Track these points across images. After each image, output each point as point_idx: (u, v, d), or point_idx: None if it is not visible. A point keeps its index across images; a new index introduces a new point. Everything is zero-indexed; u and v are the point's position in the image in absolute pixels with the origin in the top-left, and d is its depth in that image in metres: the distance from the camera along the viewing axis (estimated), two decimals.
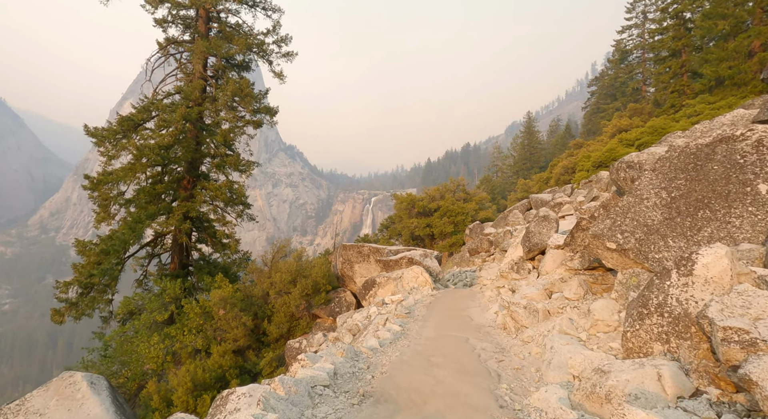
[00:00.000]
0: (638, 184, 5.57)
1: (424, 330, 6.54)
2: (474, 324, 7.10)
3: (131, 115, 14.82)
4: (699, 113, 19.05)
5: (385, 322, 7.53)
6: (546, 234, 10.53)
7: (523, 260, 10.90)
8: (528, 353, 5.00)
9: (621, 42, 50.27)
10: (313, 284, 13.64)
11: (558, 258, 9.50)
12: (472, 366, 4.41)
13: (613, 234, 5.35)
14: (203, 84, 16.68)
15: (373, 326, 7.70)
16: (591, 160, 21.02)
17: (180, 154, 15.14)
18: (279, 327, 13.59)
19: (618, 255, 5.36)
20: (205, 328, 13.71)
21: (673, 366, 2.87)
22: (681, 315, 3.16)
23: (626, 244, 5.19)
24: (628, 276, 5.23)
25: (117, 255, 14.40)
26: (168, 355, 12.61)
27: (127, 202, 14.93)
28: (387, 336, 5.76)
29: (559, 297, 6.50)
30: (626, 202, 5.51)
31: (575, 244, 7.16)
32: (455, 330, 6.46)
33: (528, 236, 10.67)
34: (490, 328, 6.68)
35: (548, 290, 7.45)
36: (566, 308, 6.11)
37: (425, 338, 5.95)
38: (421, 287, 11.47)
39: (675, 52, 25.98)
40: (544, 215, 10.75)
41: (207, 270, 16.90)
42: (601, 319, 5.01)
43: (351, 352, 4.66)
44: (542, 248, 10.50)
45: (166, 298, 13.86)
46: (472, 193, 26.38)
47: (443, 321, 7.21)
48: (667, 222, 5.00)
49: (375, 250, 13.09)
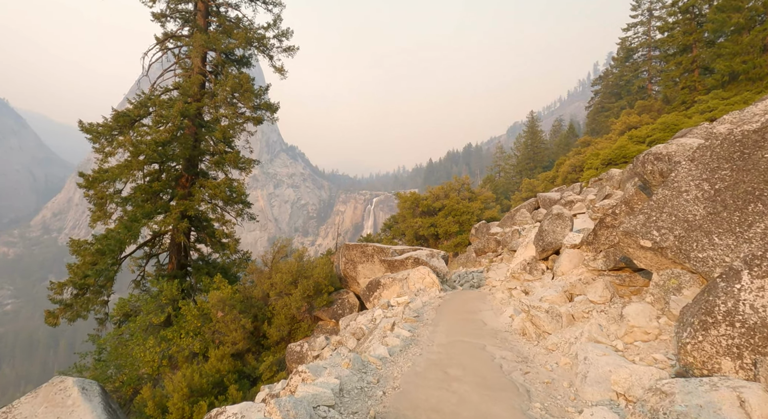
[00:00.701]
0: (675, 175, 5.04)
1: (436, 335, 6.02)
2: (488, 328, 6.58)
3: (127, 111, 14.35)
4: (713, 109, 18.48)
5: (392, 327, 7.02)
6: (560, 233, 10.00)
7: (535, 260, 10.37)
8: (555, 363, 4.47)
9: (626, 40, 49.68)
10: (315, 285, 13.13)
11: (575, 258, 8.97)
12: (496, 380, 3.89)
13: (647, 231, 4.83)
14: (202, 79, 16.21)
15: (380, 331, 7.19)
16: (600, 158, 20.47)
17: (177, 151, 14.67)
18: (279, 329, 13.09)
19: (653, 255, 4.83)
20: (203, 331, 13.22)
21: (756, 388, 2.34)
22: (758, 325, 2.64)
23: (664, 242, 4.66)
24: (666, 278, 4.70)
25: (113, 256, 13.93)
26: (164, 359, 12.12)
27: (124, 201, 14.46)
28: (396, 343, 5.25)
29: (583, 300, 5.97)
30: (662, 196, 4.98)
31: (598, 243, 6.64)
32: (469, 336, 5.94)
33: (541, 235, 10.15)
34: (506, 334, 6.15)
35: (568, 292, 6.92)
36: (592, 312, 5.58)
37: (438, 345, 5.43)
38: (428, 288, 10.96)
39: (685, 48, 25.33)
40: (557, 213, 10.22)
41: (206, 270, 16.42)
42: (637, 326, 4.49)
43: (358, 363, 4.14)
44: (556, 248, 9.97)
45: (163, 300, 13.37)
46: (477, 191, 25.82)
47: (455, 326, 6.69)
48: (712, 217, 4.47)
49: (379, 250, 12.57)
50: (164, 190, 15.51)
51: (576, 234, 9.49)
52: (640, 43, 47.91)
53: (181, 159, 15.75)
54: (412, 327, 6.52)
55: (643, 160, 6.63)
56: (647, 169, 6.59)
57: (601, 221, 6.61)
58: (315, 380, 3.51)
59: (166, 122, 13.72)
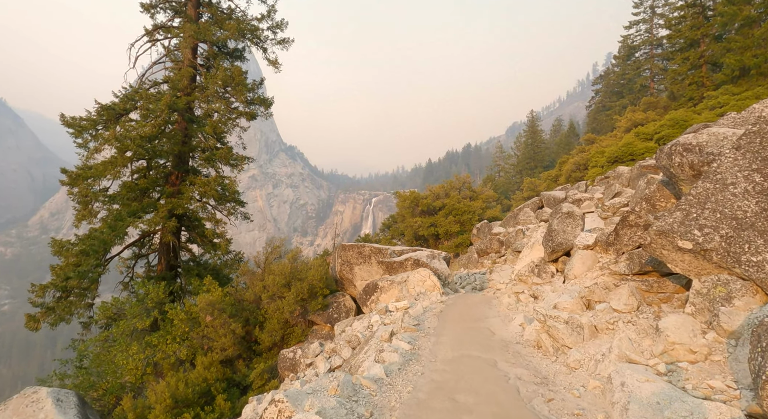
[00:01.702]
0: (718, 166, 4.36)
1: (439, 348, 5.33)
2: (498, 339, 5.89)
3: (113, 104, 13.64)
4: (723, 105, 17.83)
5: (390, 337, 6.33)
6: (571, 233, 9.33)
7: (544, 262, 9.70)
8: (582, 387, 3.78)
9: (628, 38, 49.09)
10: (309, 288, 12.43)
11: (588, 260, 8.29)
12: (516, 410, 3.21)
13: (687, 231, 4.14)
14: (192, 72, 15.50)
15: (376, 341, 6.50)
16: (606, 156, 19.80)
17: (166, 147, 13.96)
18: (271, 334, 12.38)
19: (693, 258, 4.14)
20: (190, 336, 12.52)
21: None
22: None
23: (708, 243, 3.97)
24: (711, 285, 4.01)
25: (96, 257, 13.22)
26: (148, 366, 11.42)
27: (110, 199, 13.75)
28: (394, 360, 4.56)
29: (605, 309, 5.29)
30: (703, 189, 4.29)
31: (620, 244, 5.95)
32: (478, 349, 5.25)
33: (550, 235, 9.47)
34: (518, 346, 5.47)
35: (585, 299, 6.24)
36: (617, 323, 4.90)
37: (442, 361, 4.74)
38: (428, 292, 10.28)
39: (693, 43, 24.65)
40: (567, 211, 9.55)
41: (196, 272, 15.71)
42: (679, 342, 3.80)
43: (348, 387, 3.45)
44: (567, 249, 9.30)
45: (149, 303, 12.66)
46: (479, 190, 25.13)
47: (461, 336, 6.00)
48: (767, 213, 3.78)
49: (377, 251, 11.88)
50: (153, 188, 14.80)
51: (588, 234, 8.82)
52: (642, 41, 47.29)
53: (170, 155, 15.05)
54: (412, 338, 5.83)
55: (670, 152, 5.95)
56: (674, 162, 5.91)
57: (623, 219, 5.93)
58: (292, 416, 2.82)
59: (153, 116, 13.01)
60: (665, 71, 45.61)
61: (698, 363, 3.45)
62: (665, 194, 6.94)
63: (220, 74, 14.02)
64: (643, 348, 4.14)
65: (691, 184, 5.86)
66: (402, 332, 6.37)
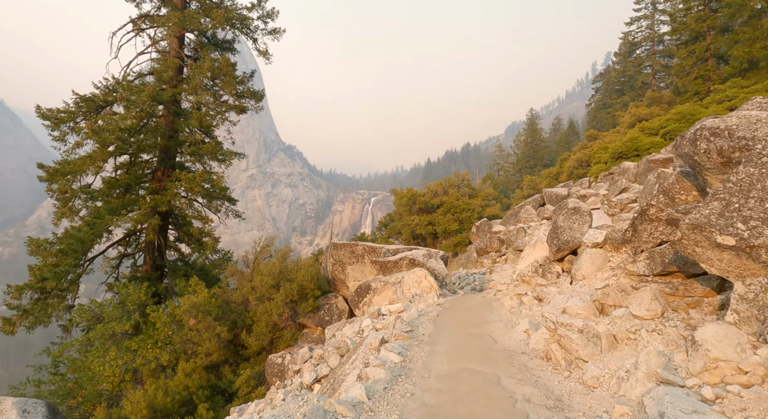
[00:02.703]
0: (762, 148, 3.68)
1: (434, 360, 4.66)
2: (500, 349, 5.22)
3: (93, 96, 12.92)
4: (732, 98, 17.19)
5: (380, 344, 5.66)
6: (578, 230, 8.66)
7: (549, 261, 9.03)
8: (605, 413, 3.11)
9: (629, 34, 48.41)
10: (299, 289, 11.76)
11: (598, 259, 7.62)
12: None
13: (728, 224, 3.46)
14: (178, 63, 14.79)
15: (365, 349, 5.82)
16: (609, 152, 19.15)
17: (149, 140, 13.26)
18: (259, 338, 11.70)
19: (734, 256, 3.47)
20: (173, 340, 11.84)
21: None
22: None
23: (755, 239, 3.30)
24: (760, 289, 3.33)
25: (75, 256, 12.52)
26: (127, 373, 10.73)
27: (90, 196, 13.04)
28: (380, 377, 3.88)
29: (624, 315, 4.61)
30: (745, 175, 3.62)
31: (638, 240, 5.27)
32: (478, 361, 4.58)
33: (556, 232, 8.80)
34: (524, 357, 4.79)
35: (599, 302, 5.56)
36: (640, 332, 4.23)
37: (437, 377, 4.06)
38: (425, 293, 9.60)
39: (698, 35, 23.96)
40: (574, 207, 8.88)
41: (183, 272, 15.01)
42: (723, 359, 3.13)
43: (318, 415, 2.77)
44: (574, 247, 8.63)
45: (130, 305, 11.97)
46: (478, 188, 24.44)
47: (459, 345, 5.33)
48: None
49: (370, 250, 11.20)
50: (137, 184, 14.09)
51: (597, 232, 8.15)
52: (643, 38, 46.66)
53: (154, 150, 14.35)
54: (403, 348, 5.15)
55: (694, 138, 5.27)
56: (699, 149, 5.23)
57: (642, 213, 5.25)
58: None
59: (135, 108, 12.30)
60: (667, 68, 45.01)
61: (753, 386, 2.78)
62: (685, 186, 6.27)
63: (207, 64, 13.31)
64: (676, 364, 3.47)
65: (718, 174, 5.19)
66: (393, 340, 5.70)
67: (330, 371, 7.20)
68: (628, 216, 10.21)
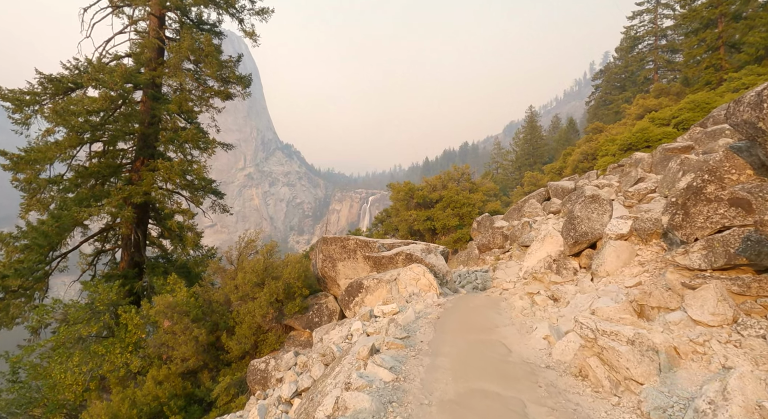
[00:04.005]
0: None
1: (436, 377, 3.62)
2: (518, 360, 4.20)
3: (60, 77, 11.82)
4: (748, 86, 16.27)
5: (369, 355, 4.62)
6: (598, 221, 7.64)
7: (564, 256, 8.02)
8: None
9: (631, 29, 47.47)
10: (286, 287, 10.71)
11: (624, 252, 6.59)
12: None
13: None
14: (158, 44, 13.67)
15: (351, 360, 4.78)
16: (617, 144, 18.18)
17: (123, 126, 12.15)
18: (241, 342, 10.63)
19: None
20: (147, 344, 10.78)
21: None
22: None
23: None
24: None
25: (40, 252, 11.42)
26: (93, 381, 9.64)
27: (58, 186, 11.94)
28: (363, 406, 2.84)
29: (682, 320, 3.58)
30: None
31: (691, 226, 4.23)
32: (492, 380, 3.54)
33: (572, 223, 7.78)
34: (550, 373, 3.76)
35: (637, 303, 4.54)
36: (709, 343, 3.19)
37: (440, 404, 3.03)
38: (423, 292, 8.57)
39: (709, 23, 23.01)
40: (592, 195, 7.86)
41: (162, 269, 13.93)
42: None
43: None
44: (593, 239, 7.61)
45: (99, 306, 10.88)
46: (479, 182, 23.42)
47: (466, 356, 4.29)
48: None
49: (363, 244, 10.14)
50: (111, 174, 12.98)
51: (622, 221, 7.13)
52: (646, 32, 45.70)
53: (131, 138, 13.24)
54: (397, 360, 4.11)
55: (759, 100, 4.24)
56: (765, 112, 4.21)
57: (697, 192, 4.22)
58: None
59: (105, 89, 11.19)
60: (670, 63, 44.12)
61: None
62: (737, 163, 5.24)
63: (187, 42, 12.21)
64: None
65: None
66: (385, 349, 4.66)
67: (312, 383, 6.17)
68: (649, 206, 9.21)
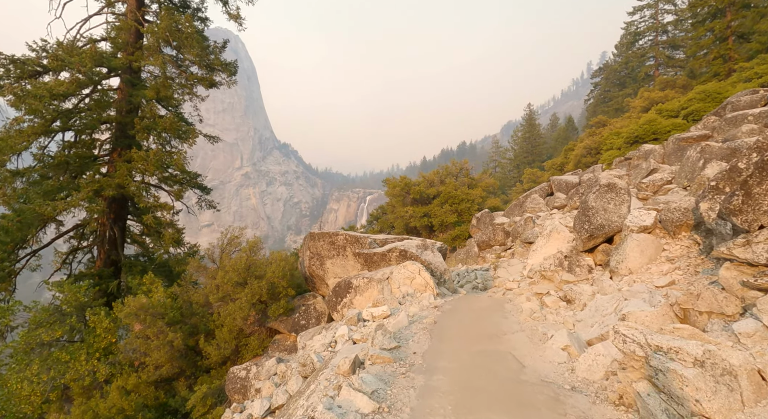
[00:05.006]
0: None
1: (431, 406, 2.75)
2: (534, 379, 3.33)
3: (26, 59, 10.88)
4: (761, 75, 15.46)
5: (350, 370, 3.75)
6: (615, 212, 6.78)
7: (576, 253, 7.16)
8: None
9: (632, 24, 46.73)
10: (270, 287, 9.81)
11: (648, 247, 5.73)
12: None
13: None
14: (135, 26, 12.74)
15: (327, 376, 3.90)
16: (623, 137, 17.39)
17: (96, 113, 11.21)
18: (221, 346, 9.73)
19: None
20: (117, 349, 9.87)
21: None
22: None
23: None
24: None
25: (2, 249, 10.47)
26: (54, 391, 8.72)
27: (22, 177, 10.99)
28: None
29: (758, 331, 2.71)
30: None
31: (754, 209, 3.37)
32: (506, 410, 2.68)
33: (586, 215, 6.92)
34: (580, 398, 2.90)
35: (679, 307, 3.68)
36: None
37: None
38: (418, 293, 7.70)
39: (717, 12, 22.23)
40: (608, 183, 6.99)
41: (140, 268, 13.01)
42: None
43: None
44: (610, 233, 6.75)
45: (66, 308, 9.95)
46: (478, 177, 22.58)
47: (469, 375, 3.42)
48: None
49: (353, 240, 9.26)
50: (83, 164, 12.03)
51: (644, 212, 6.27)
52: (647, 27, 44.99)
53: (104, 126, 12.30)
54: (382, 380, 3.23)
55: None
56: None
57: (762, 168, 3.34)
58: None
59: (75, 71, 10.26)
60: (671, 59, 43.42)
61: None
62: None
63: (165, 23, 11.28)
64: None
65: None
66: (369, 364, 3.77)
67: (288, 399, 5.29)
68: (667, 198, 8.36)
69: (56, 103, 10.20)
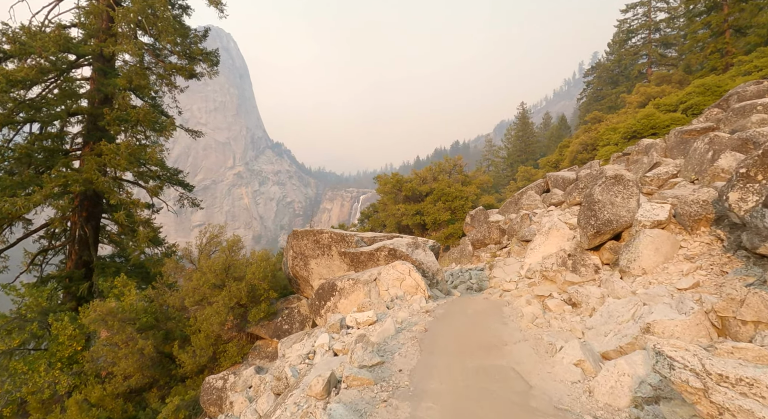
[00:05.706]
0: None
1: None
2: (546, 408, 2.69)
3: None
4: (761, 68, 15.10)
5: (322, 393, 3.09)
6: (623, 206, 6.19)
7: (581, 251, 6.56)
8: None
9: (624, 22, 46.64)
10: (250, 290, 9.11)
11: (664, 244, 5.12)
12: None
13: None
14: (106, 11, 11.91)
15: (296, 400, 3.23)
16: (621, 132, 16.94)
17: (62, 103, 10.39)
18: (196, 354, 9.00)
19: None
20: (83, 358, 9.09)
21: None
22: None
23: None
24: None
25: None
26: (9, 406, 7.92)
27: None
28: None
29: None
30: None
31: None
32: None
33: (592, 209, 6.32)
34: None
35: (717, 314, 3.07)
36: None
37: None
38: (408, 295, 7.04)
39: (714, 5, 21.90)
40: (615, 175, 6.39)
41: (114, 269, 12.20)
42: None
43: None
44: (619, 229, 6.16)
45: (27, 313, 9.14)
46: (472, 175, 22.01)
47: (466, 401, 2.78)
48: None
49: (339, 239, 8.58)
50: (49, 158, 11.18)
51: (657, 206, 5.67)
52: (640, 25, 44.91)
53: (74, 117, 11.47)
54: (357, 411, 2.57)
55: None
56: None
57: None
58: None
59: (35, 56, 9.43)
60: (664, 57, 43.36)
61: None
62: None
63: (137, 5, 10.48)
64: None
65: None
66: (344, 388, 3.10)
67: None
68: (674, 192, 7.81)
69: (18, 92, 9.37)
